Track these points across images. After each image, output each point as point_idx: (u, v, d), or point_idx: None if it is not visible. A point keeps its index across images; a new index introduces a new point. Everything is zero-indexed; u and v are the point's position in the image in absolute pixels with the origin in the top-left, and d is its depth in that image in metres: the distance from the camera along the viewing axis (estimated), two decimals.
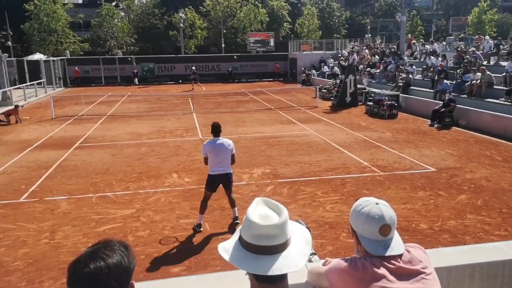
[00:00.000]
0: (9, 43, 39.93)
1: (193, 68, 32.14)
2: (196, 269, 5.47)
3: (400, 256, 1.65)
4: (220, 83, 33.58)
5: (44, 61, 31.07)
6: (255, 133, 14.07)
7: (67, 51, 41.39)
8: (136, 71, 34.31)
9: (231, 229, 6.59)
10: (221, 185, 6.65)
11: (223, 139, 6.52)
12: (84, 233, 6.56)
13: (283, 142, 12.69)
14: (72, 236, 6.48)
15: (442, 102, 15.34)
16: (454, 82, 17.54)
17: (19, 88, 25.39)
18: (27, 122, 17.20)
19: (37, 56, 34.67)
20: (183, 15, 43.11)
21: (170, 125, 15.86)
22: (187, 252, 5.91)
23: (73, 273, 1.18)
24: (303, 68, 32.67)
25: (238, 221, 6.70)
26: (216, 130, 6.53)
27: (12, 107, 18.00)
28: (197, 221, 6.67)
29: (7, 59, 26.37)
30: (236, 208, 6.83)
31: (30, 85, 26.68)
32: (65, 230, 6.68)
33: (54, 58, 33.07)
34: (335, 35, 56.16)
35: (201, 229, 6.56)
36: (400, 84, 20.16)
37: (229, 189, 6.71)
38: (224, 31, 48.07)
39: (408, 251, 1.69)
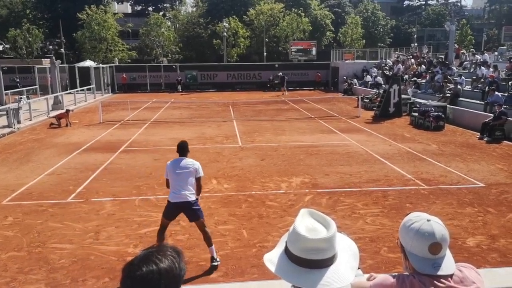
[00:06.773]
0: (62, 50, 42.07)
1: (280, 73, 33.10)
2: (233, 276, 5.47)
3: (451, 275, 1.57)
4: (261, 91, 33.77)
5: (94, 67, 32.58)
6: (295, 142, 13.98)
7: (116, 58, 43.15)
8: (180, 78, 35.16)
9: (260, 240, 6.55)
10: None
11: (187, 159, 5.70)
12: (126, 234, 6.75)
13: (323, 151, 12.54)
14: (115, 237, 6.68)
15: (492, 115, 14.63)
16: (506, 94, 16.70)
17: (70, 93, 26.67)
18: (77, 126, 18.02)
19: (88, 63, 36.40)
20: (227, 24, 43.85)
21: (211, 132, 16.08)
22: (225, 258, 5.93)
23: (127, 275, 1.25)
24: (345, 77, 32.25)
25: (215, 262, 5.62)
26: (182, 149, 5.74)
27: (63, 111, 18.91)
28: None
29: (60, 65, 27.84)
30: (213, 247, 5.65)
31: (80, 90, 28.02)
32: (109, 231, 6.90)
33: (104, 65, 34.57)
34: (379, 44, 55.06)
35: None
36: (448, 95, 19.43)
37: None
38: (266, 40, 48.38)
39: (460, 270, 1.60)
